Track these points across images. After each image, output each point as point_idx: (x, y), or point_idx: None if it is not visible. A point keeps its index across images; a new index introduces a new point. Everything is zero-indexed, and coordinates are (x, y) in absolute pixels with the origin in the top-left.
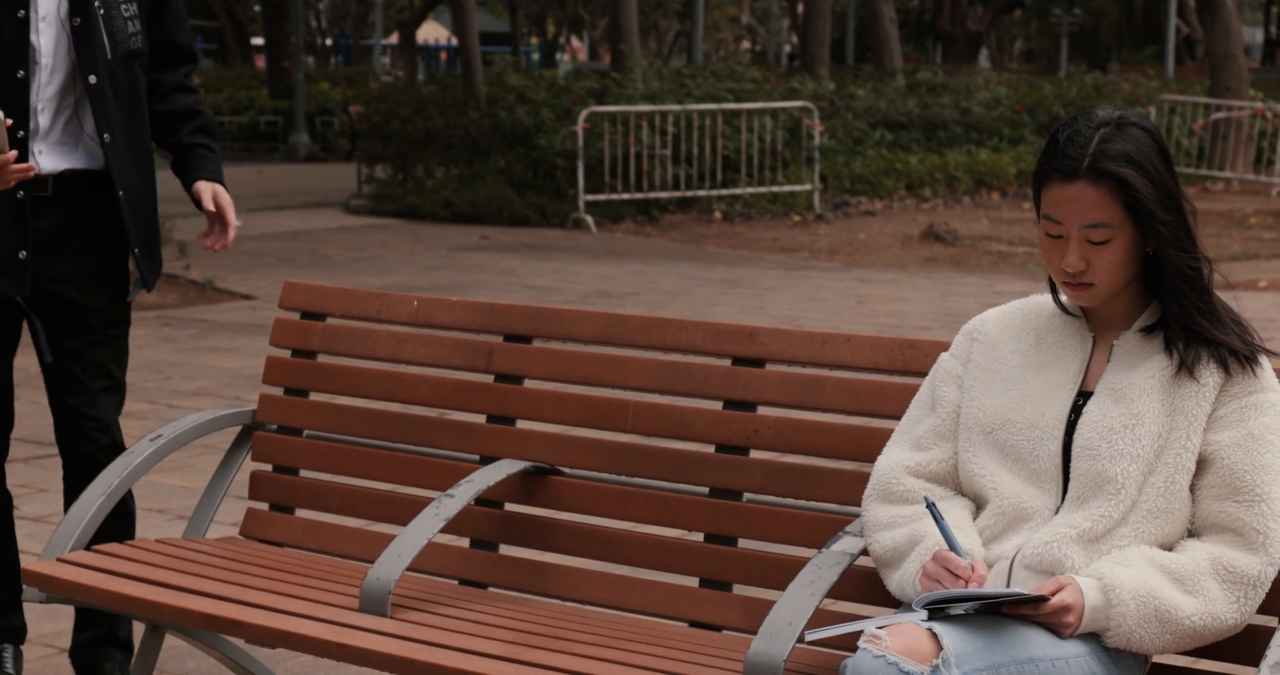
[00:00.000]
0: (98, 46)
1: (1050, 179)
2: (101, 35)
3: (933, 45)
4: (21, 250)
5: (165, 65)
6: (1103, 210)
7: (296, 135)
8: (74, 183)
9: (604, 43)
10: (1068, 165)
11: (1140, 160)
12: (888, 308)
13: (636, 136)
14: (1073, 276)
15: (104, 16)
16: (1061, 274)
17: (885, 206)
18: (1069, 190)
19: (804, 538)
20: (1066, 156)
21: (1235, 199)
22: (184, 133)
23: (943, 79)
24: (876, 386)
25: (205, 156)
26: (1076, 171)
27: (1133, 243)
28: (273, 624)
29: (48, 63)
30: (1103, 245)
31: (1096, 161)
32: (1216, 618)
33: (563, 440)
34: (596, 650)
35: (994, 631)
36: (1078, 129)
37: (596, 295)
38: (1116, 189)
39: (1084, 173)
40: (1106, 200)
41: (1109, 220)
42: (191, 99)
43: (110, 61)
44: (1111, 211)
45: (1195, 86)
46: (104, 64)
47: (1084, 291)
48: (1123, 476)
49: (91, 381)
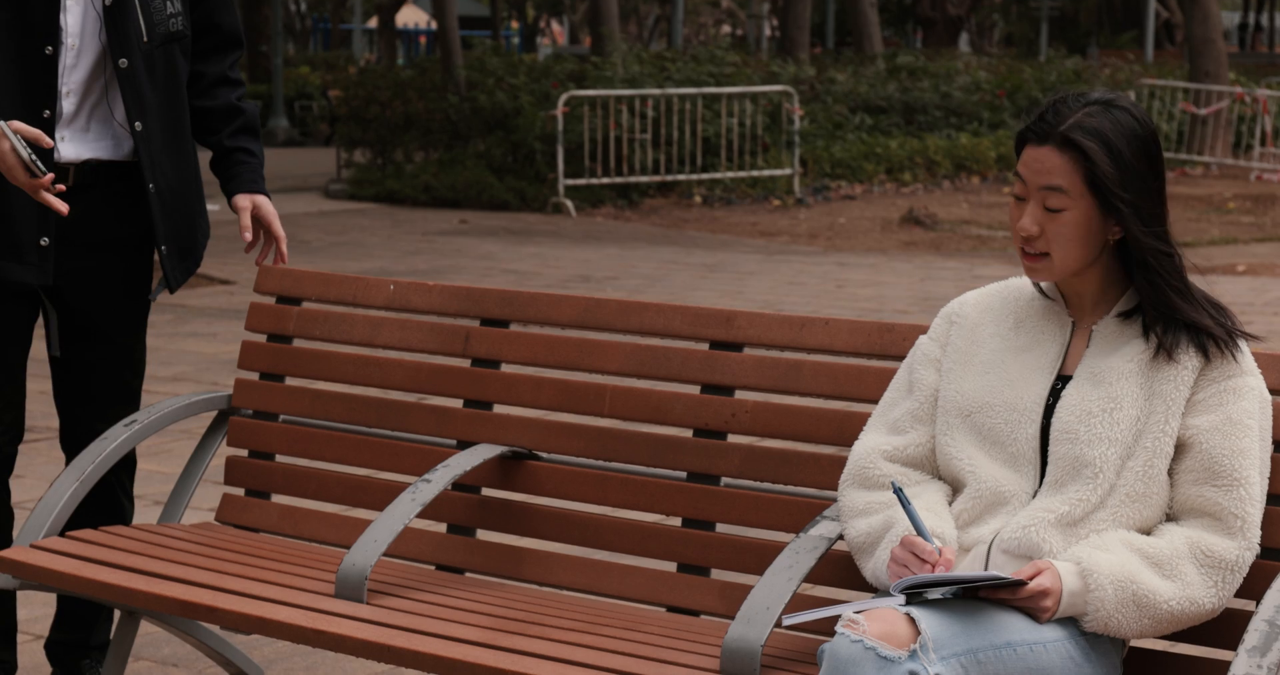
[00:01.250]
0: (132, 28)
1: (1026, 140)
2: (136, 15)
3: (913, 29)
4: (43, 237)
5: (208, 53)
6: (1062, 177)
7: (275, 119)
8: (99, 173)
9: (584, 27)
10: (1043, 129)
11: (1112, 140)
12: (867, 292)
13: (616, 121)
14: (1026, 241)
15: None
16: (1018, 239)
17: (865, 191)
18: (1038, 152)
19: (782, 522)
20: (1045, 121)
21: (1214, 183)
22: (225, 134)
23: (923, 63)
24: (855, 370)
25: (245, 163)
26: (1048, 136)
27: (1090, 219)
28: (248, 610)
29: (74, 43)
30: (1057, 213)
31: (1069, 131)
32: (1194, 602)
33: (540, 425)
34: (574, 635)
35: (972, 616)
36: (1066, 101)
37: (576, 280)
38: (1080, 160)
39: (1053, 137)
40: (1068, 168)
41: (1066, 187)
42: (235, 94)
43: (146, 44)
44: (1071, 180)
45: (1175, 71)
46: (138, 46)
47: (1039, 263)
48: (1101, 460)
49: (105, 395)
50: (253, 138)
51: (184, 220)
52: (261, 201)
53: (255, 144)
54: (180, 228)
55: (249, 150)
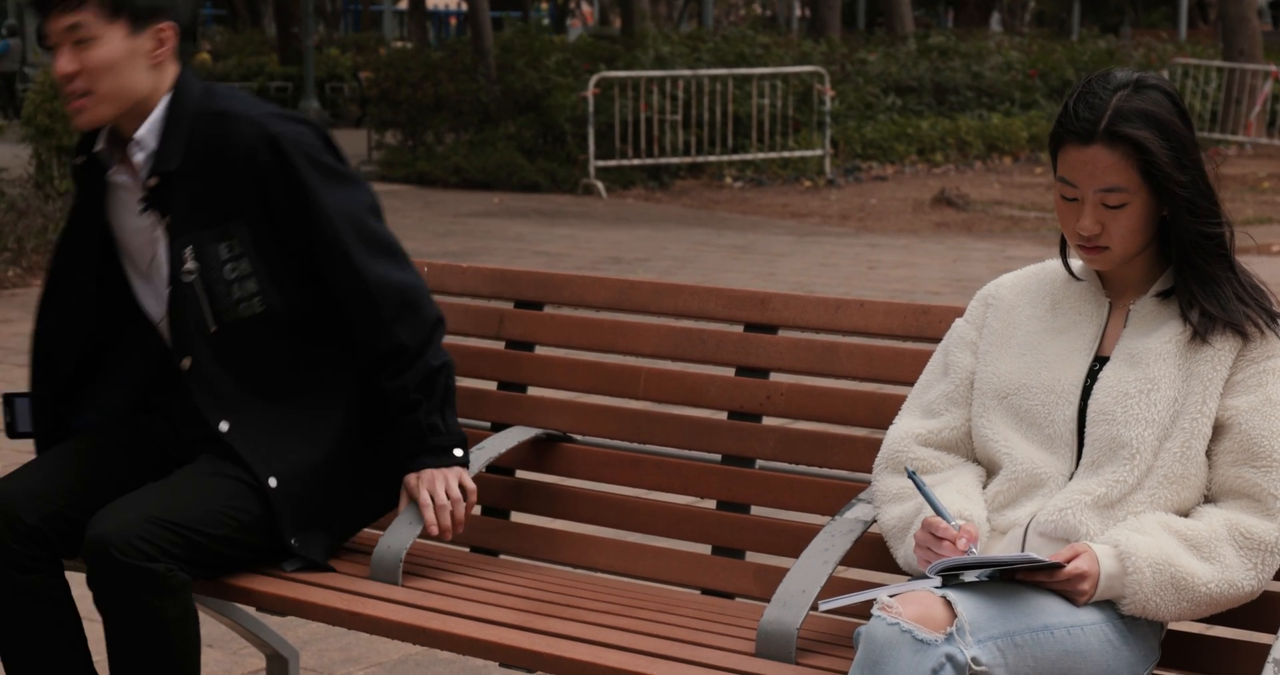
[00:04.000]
0: (192, 320)
1: (1066, 142)
2: (199, 304)
3: (944, 9)
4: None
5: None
6: (1118, 174)
7: (306, 101)
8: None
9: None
10: (1084, 128)
11: (1158, 121)
12: (899, 273)
13: (647, 102)
14: (1087, 240)
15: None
16: (1076, 237)
17: (896, 171)
18: (1085, 153)
19: (817, 505)
20: (1083, 119)
21: (1248, 163)
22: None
23: (954, 43)
24: (890, 352)
25: (412, 438)
26: (1093, 134)
27: (1148, 207)
28: (284, 591)
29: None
30: (1118, 209)
31: (1113, 124)
32: (1233, 584)
33: (574, 407)
34: (608, 618)
35: (1008, 599)
36: (1095, 91)
37: (607, 261)
38: (1132, 153)
39: (1100, 135)
40: (1123, 164)
41: (1125, 184)
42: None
43: (214, 335)
44: (1128, 176)
45: (1209, 49)
46: (204, 340)
47: (1099, 255)
48: (1138, 441)
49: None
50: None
51: (320, 500)
52: (437, 482)
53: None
54: (317, 510)
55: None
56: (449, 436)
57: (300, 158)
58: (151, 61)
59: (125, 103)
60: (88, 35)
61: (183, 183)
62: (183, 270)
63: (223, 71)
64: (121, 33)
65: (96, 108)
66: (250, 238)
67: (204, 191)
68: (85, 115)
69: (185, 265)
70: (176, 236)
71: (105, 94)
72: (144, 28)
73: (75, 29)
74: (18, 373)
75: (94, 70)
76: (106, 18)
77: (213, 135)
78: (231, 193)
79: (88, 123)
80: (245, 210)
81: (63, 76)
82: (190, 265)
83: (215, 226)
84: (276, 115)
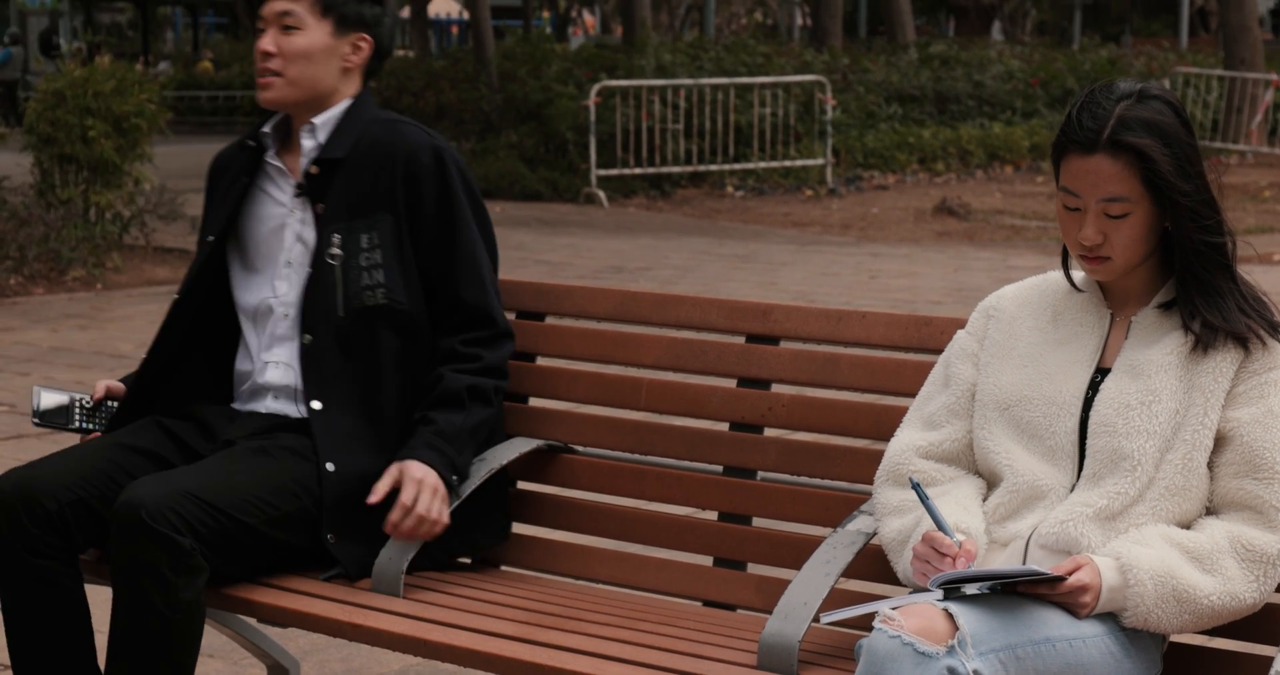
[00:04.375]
0: (327, 301)
1: (1069, 151)
2: (336, 288)
3: (945, 18)
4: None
5: (450, 331)
6: (1121, 184)
7: None
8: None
9: (616, 16)
10: (1087, 137)
11: (1161, 131)
12: (900, 282)
13: (648, 111)
14: (1089, 250)
15: (340, 265)
16: (1078, 247)
17: (898, 181)
18: (1088, 163)
19: (819, 516)
20: (1086, 128)
21: (1250, 172)
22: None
23: (956, 52)
24: (892, 364)
25: (419, 432)
26: (1095, 144)
27: (1151, 217)
28: (285, 603)
29: (286, 313)
30: (1120, 219)
31: (1116, 133)
32: (1235, 597)
33: (575, 418)
34: (610, 630)
35: (1010, 611)
36: (1098, 100)
37: (608, 270)
38: (1135, 162)
39: (1103, 145)
40: (1125, 173)
41: (1127, 194)
42: (451, 367)
43: (342, 318)
44: (1130, 185)
45: (1210, 58)
46: (331, 321)
47: (1101, 265)
48: (1139, 453)
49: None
50: (445, 407)
51: (363, 508)
52: (409, 467)
53: (443, 413)
54: (355, 514)
55: (429, 419)
56: (458, 459)
57: (456, 173)
58: (343, 64)
59: (308, 92)
60: (296, 23)
61: (342, 173)
62: (329, 252)
63: (225, 79)
64: (325, 31)
65: (282, 89)
66: (391, 232)
67: (360, 184)
68: (270, 92)
69: (332, 249)
70: (326, 224)
71: (293, 78)
72: (346, 33)
73: (287, 15)
74: (19, 381)
75: (291, 55)
76: (317, 14)
77: (381, 137)
78: (386, 188)
79: (269, 100)
80: (394, 206)
81: (262, 53)
82: (336, 250)
83: (362, 217)
84: (442, 139)
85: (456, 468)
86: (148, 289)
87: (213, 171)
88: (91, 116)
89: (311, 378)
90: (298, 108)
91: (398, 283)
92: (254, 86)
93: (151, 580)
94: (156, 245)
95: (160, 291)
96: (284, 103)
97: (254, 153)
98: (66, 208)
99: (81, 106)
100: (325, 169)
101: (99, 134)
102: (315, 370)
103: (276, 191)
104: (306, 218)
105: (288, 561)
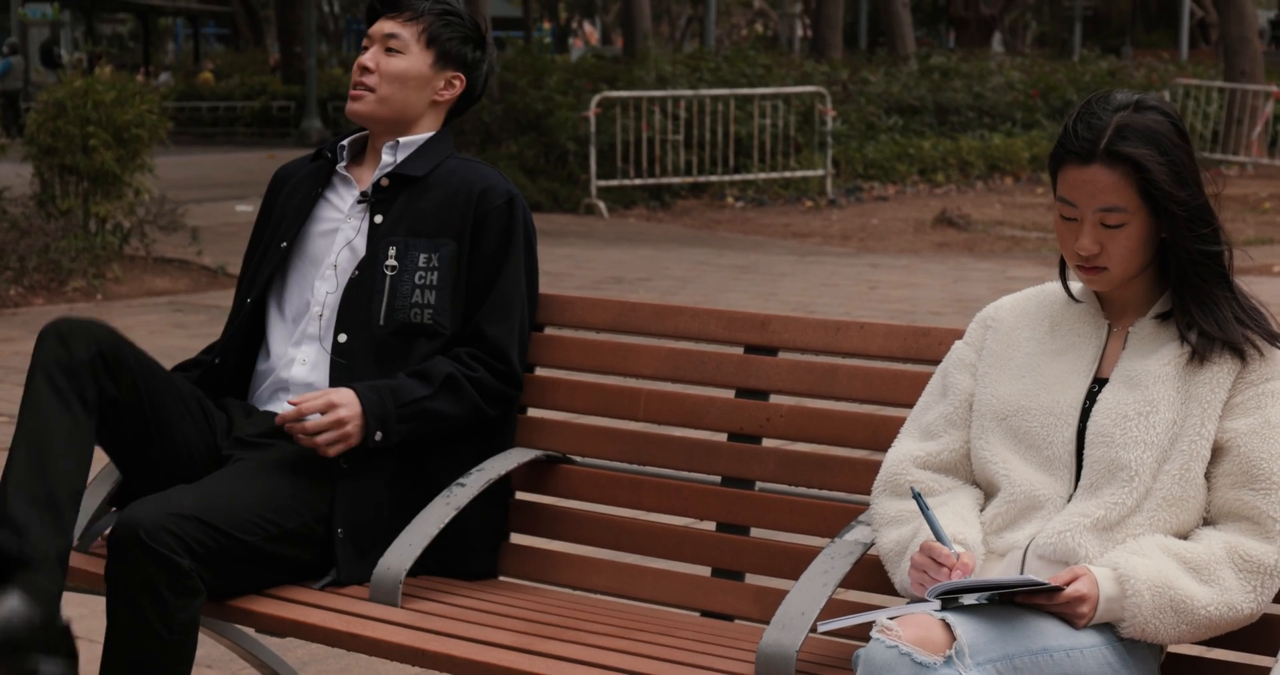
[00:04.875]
0: (366, 307)
1: (1066, 161)
2: (381, 297)
3: (946, 30)
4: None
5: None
6: (1117, 194)
7: (309, 120)
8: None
9: (616, 28)
10: (1084, 147)
11: (1158, 141)
12: (900, 293)
13: (649, 122)
14: (1086, 260)
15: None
16: (1075, 258)
17: (898, 191)
18: (1084, 173)
19: (817, 527)
20: (1083, 138)
21: (1250, 183)
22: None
23: (956, 64)
24: (890, 374)
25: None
26: (1092, 154)
27: (1147, 227)
28: (283, 613)
29: (321, 313)
30: (1117, 229)
31: (1112, 144)
32: (1232, 607)
33: (574, 428)
34: (608, 640)
35: (1007, 622)
36: (1095, 111)
37: (609, 281)
38: (1132, 172)
39: (1100, 155)
40: (1122, 184)
41: (1123, 204)
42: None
43: (381, 328)
44: (1127, 195)
45: (1210, 70)
46: (369, 328)
47: (1097, 276)
48: (1136, 463)
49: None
50: (415, 377)
51: (375, 515)
52: (341, 392)
53: (410, 380)
54: (365, 520)
55: (395, 377)
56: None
57: (522, 220)
58: (434, 96)
59: (395, 113)
60: (400, 47)
61: (411, 193)
62: (385, 264)
63: (225, 90)
64: (426, 61)
65: (371, 104)
66: (452, 259)
67: (427, 207)
68: (359, 105)
69: (388, 261)
70: (382, 236)
71: (384, 97)
72: (444, 69)
73: (393, 38)
74: (19, 392)
75: (388, 75)
76: (422, 43)
77: (460, 169)
78: (456, 217)
79: (357, 112)
80: (460, 235)
81: (360, 68)
82: (392, 262)
83: (427, 238)
84: (516, 188)
85: (385, 425)
86: (148, 299)
87: (274, 182)
88: (92, 127)
89: (339, 376)
90: (381, 125)
91: (446, 307)
92: (255, 97)
93: (149, 600)
94: (157, 256)
95: (160, 302)
96: (370, 118)
97: (326, 164)
98: (67, 218)
99: (82, 117)
100: (396, 184)
101: (99, 144)
102: (344, 369)
103: (337, 199)
104: (362, 227)
105: (289, 577)
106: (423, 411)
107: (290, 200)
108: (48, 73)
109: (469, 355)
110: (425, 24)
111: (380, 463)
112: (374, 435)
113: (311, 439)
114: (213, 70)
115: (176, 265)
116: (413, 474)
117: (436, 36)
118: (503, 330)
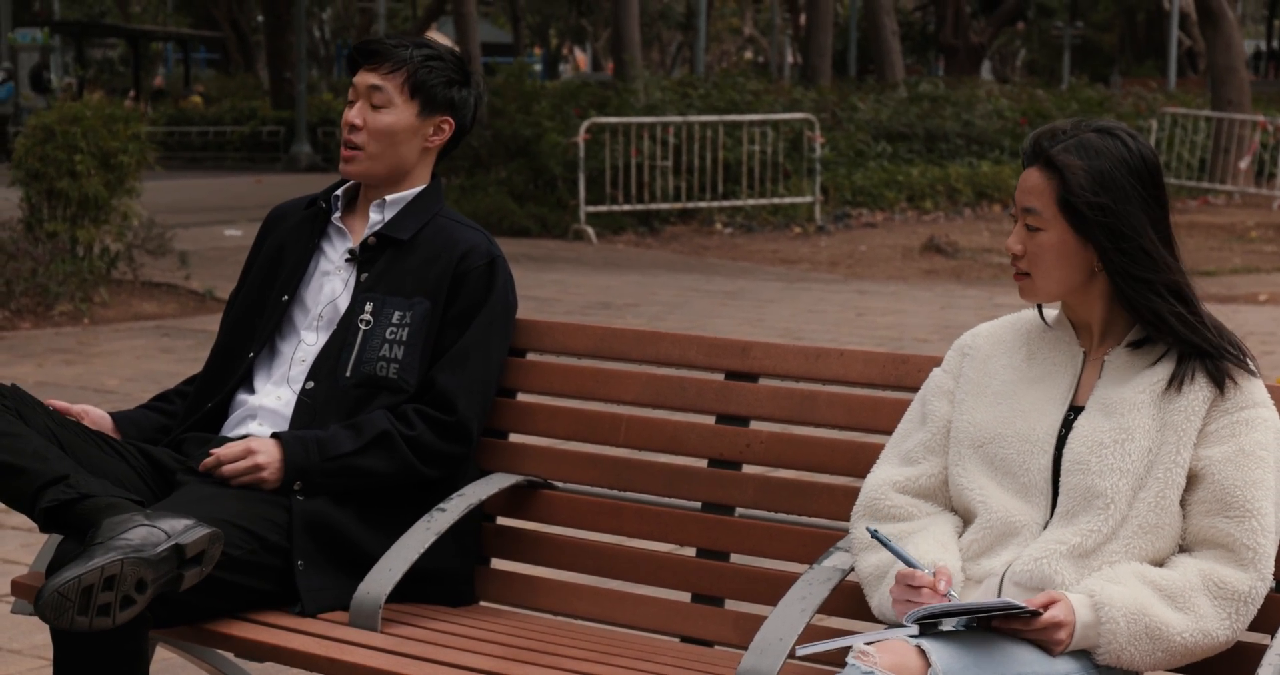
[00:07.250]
0: (336, 358)
1: (1024, 163)
2: (352, 349)
3: (935, 57)
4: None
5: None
6: (1038, 197)
7: (298, 145)
8: None
9: (607, 54)
10: (1035, 151)
11: (1093, 162)
12: (887, 320)
13: (638, 147)
14: (1012, 261)
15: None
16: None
17: (886, 219)
18: (1025, 175)
19: (796, 553)
20: (1039, 145)
21: (1236, 212)
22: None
23: (944, 91)
24: (869, 401)
25: (306, 431)
26: (1036, 157)
27: (1065, 242)
28: (263, 638)
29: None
30: (1035, 233)
31: (1054, 152)
32: (1208, 634)
33: (555, 454)
34: (588, 665)
35: (984, 648)
36: (1066, 128)
37: (596, 307)
38: (1055, 179)
39: (1039, 159)
40: (1044, 188)
41: (1040, 208)
42: (378, 424)
43: (347, 379)
44: (1045, 201)
45: (1198, 99)
46: (336, 379)
47: (1022, 282)
48: (1112, 491)
49: None
50: (347, 429)
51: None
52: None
53: (341, 431)
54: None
55: (325, 428)
56: (314, 472)
57: (501, 284)
58: (424, 145)
59: (389, 168)
60: (384, 102)
61: (395, 253)
62: (360, 318)
63: (215, 114)
64: (411, 112)
65: (365, 164)
66: (424, 318)
67: (409, 267)
68: (353, 166)
69: (363, 315)
70: (363, 291)
71: (376, 154)
72: (431, 116)
73: (376, 91)
74: None
75: (376, 132)
76: (406, 94)
77: (444, 229)
78: (435, 277)
79: (352, 173)
80: (436, 295)
81: (348, 125)
82: (367, 317)
83: (404, 296)
84: (500, 250)
85: (306, 476)
86: (135, 324)
87: (269, 220)
88: (79, 153)
89: (300, 419)
90: (377, 181)
91: (414, 364)
92: (243, 121)
93: (91, 639)
94: (144, 280)
95: (148, 326)
96: (365, 177)
97: (321, 213)
98: (54, 243)
99: (70, 142)
100: (382, 243)
101: (86, 168)
102: (306, 412)
103: (331, 251)
104: (349, 281)
105: (241, 606)
106: (348, 467)
107: (288, 247)
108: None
109: (415, 411)
110: (407, 74)
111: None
112: (294, 484)
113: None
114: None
115: (164, 289)
116: (375, 499)
117: (420, 85)
118: (454, 381)
